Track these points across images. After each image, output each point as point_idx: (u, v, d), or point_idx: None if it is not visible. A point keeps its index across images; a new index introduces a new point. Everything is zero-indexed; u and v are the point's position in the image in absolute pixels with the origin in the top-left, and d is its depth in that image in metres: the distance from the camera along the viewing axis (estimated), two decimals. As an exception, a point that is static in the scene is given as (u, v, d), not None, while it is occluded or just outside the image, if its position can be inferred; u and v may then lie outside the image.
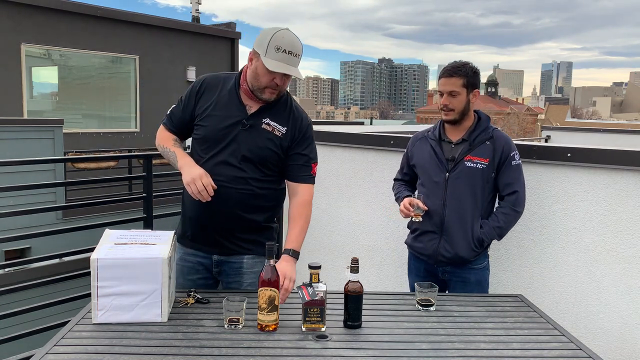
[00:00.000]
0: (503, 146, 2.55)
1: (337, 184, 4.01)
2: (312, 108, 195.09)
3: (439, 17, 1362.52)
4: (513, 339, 1.94)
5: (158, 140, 2.41)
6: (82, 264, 2.74)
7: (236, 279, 2.37)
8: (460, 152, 2.56)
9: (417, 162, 2.71)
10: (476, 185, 2.54)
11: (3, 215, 3.37)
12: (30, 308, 3.19)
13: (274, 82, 2.17)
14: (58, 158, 7.23)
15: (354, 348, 1.81)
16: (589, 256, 2.82)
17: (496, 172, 2.56)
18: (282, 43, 2.12)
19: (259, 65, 2.16)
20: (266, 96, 2.22)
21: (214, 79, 2.35)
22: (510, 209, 2.57)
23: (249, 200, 2.28)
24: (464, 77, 2.51)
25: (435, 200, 2.57)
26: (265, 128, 2.26)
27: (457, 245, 2.55)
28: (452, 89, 2.51)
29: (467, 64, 2.57)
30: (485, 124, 2.61)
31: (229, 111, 2.27)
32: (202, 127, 2.30)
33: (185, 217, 2.39)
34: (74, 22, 10.68)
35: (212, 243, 2.34)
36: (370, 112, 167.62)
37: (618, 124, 34.80)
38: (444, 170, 2.57)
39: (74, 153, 9.09)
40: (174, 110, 2.39)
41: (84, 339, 1.80)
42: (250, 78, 2.22)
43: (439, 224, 2.57)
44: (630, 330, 2.70)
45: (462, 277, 2.60)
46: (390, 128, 7.14)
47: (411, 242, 2.73)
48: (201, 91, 2.33)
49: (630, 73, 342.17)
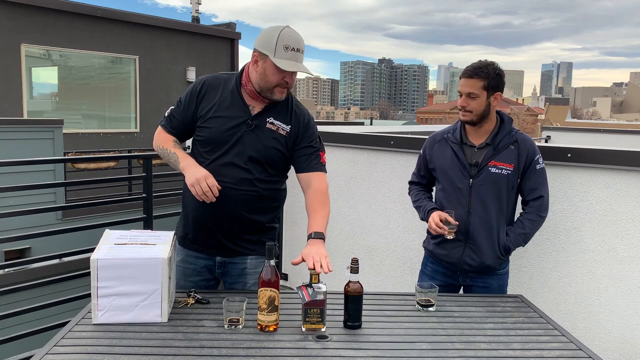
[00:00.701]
0: (528, 150, 2.44)
1: (337, 184, 4.01)
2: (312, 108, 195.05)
3: (439, 17, 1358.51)
4: (513, 339, 1.94)
5: (156, 141, 2.37)
6: (82, 264, 2.74)
7: (240, 280, 2.37)
8: (484, 157, 2.45)
9: (438, 166, 2.56)
10: (501, 192, 2.44)
11: (3, 215, 3.37)
12: (30, 308, 3.19)
13: (284, 80, 2.18)
14: (58, 158, 7.23)
15: (354, 348, 1.81)
16: (589, 256, 2.82)
17: (521, 177, 2.47)
18: (290, 42, 2.13)
19: (267, 66, 2.16)
20: (277, 96, 2.22)
21: (215, 80, 2.33)
22: (536, 214, 2.48)
23: (254, 202, 2.28)
24: (484, 79, 2.39)
25: (458, 207, 2.46)
26: (270, 127, 2.26)
27: (483, 254, 2.46)
28: (471, 91, 2.40)
29: (491, 65, 2.44)
30: (509, 127, 2.49)
31: (232, 112, 2.26)
32: (205, 128, 2.27)
33: (188, 219, 2.37)
34: (74, 22, 10.68)
35: (216, 245, 2.33)
36: (370, 112, 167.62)
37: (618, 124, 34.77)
38: (467, 175, 2.45)
39: (74, 153, 9.10)
40: (174, 112, 2.35)
41: (84, 339, 1.80)
42: (258, 80, 2.21)
43: (463, 232, 2.46)
44: (630, 330, 2.70)
45: (485, 283, 2.52)
46: (390, 128, 7.14)
47: (433, 249, 2.59)
48: (202, 92, 2.30)
49: (630, 73, 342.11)
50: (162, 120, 2.39)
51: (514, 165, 2.43)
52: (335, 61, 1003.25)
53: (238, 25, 14.41)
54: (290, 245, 4.42)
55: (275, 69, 2.14)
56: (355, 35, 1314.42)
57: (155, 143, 2.38)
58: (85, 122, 11.64)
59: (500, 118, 2.52)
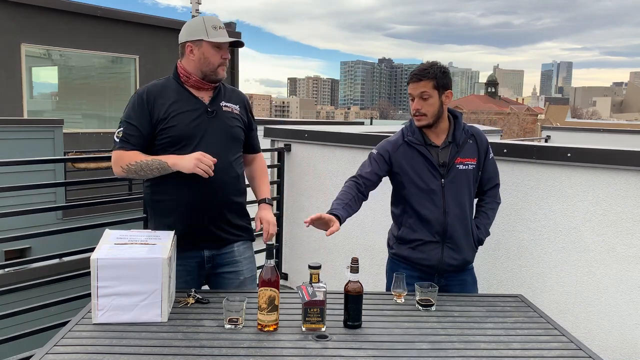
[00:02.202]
0: (483, 142, 2.54)
1: (337, 184, 4.01)
2: (312, 108, 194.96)
3: (439, 17, 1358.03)
4: (513, 339, 1.94)
5: (122, 162, 2.28)
6: (82, 264, 2.73)
7: (234, 269, 2.41)
8: (449, 155, 2.46)
9: (405, 169, 2.50)
10: (470, 187, 2.51)
11: (3, 215, 3.37)
12: (30, 308, 3.18)
13: (223, 58, 2.36)
14: (58, 158, 7.22)
15: (354, 348, 1.81)
16: (589, 256, 2.82)
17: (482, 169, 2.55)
18: (214, 22, 2.36)
19: (205, 50, 2.33)
20: (220, 75, 2.38)
21: (154, 87, 2.41)
22: (495, 202, 2.62)
23: (236, 184, 2.42)
24: (432, 79, 2.39)
25: (433, 208, 2.45)
26: (227, 110, 2.42)
27: (463, 251, 2.49)
28: (423, 90, 2.40)
29: (435, 64, 2.45)
30: (461, 122, 2.52)
31: (189, 106, 2.35)
32: (170, 128, 2.31)
33: (174, 220, 2.33)
34: (74, 22, 10.67)
35: (206, 237, 2.37)
36: (370, 112, 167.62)
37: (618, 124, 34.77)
38: (438, 176, 2.46)
39: (74, 153, 9.09)
40: (127, 131, 2.30)
41: (84, 339, 1.80)
42: (198, 66, 2.35)
43: (441, 232, 2.46)
44: (630, 330, 2.70)
45: (460, 280, 2.55)
46: (390, 128, 7.13)
47: (408, 254, 2.53)
48: (150, 100, 2.34)
49: (630, 73, 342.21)
50: (116, 145, 2.31)
51: (476, 159, 2.51)
52: (335, 61, 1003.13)
53: (238, 25, 14.40)
54: (290, 245, 4.43)
55: (214, 49, 2.33)
56: (355, 35, 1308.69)
57: (120, 165, 2.29)
58: (86, 122, 11.63)
59: (452, 115, 2.54)
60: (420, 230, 2.49)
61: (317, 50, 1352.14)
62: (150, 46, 11.81)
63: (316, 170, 4.16)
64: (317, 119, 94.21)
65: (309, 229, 2.30)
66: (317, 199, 4.17)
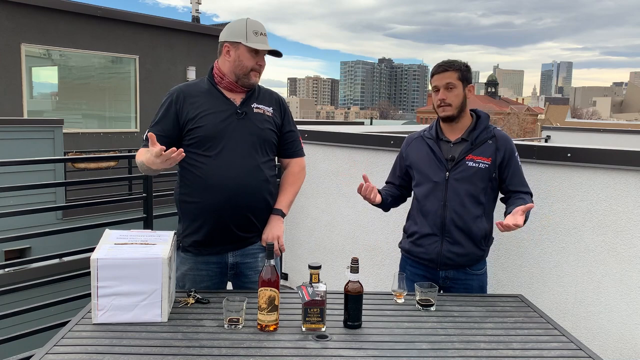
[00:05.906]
0: (506, 146, 2.50)
1: (337, 184, 4.01)
2: (312, 108, 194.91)
3: (440, 17, 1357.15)
4: (513, 339, 1.94)
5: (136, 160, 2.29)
6: (82, 264, 2.73)
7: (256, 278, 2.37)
8: (460, 151, 2.48)
9: (413, 162, 2.60)
10: (478, 185, 2.48)
11: (3, 215, 3.37)
12: (30, 308, 3.18)
13: (258, 64, 2.34)
14: (58, 158, 7.22)
15: (354, 348, 1.81)
16: (589, 256, 2.82)
17: (499, 171, 2.50)
18: (257, 27, 2.34)
19: (241, 53, 2.31)
20: (253, 80, 2.36)
21: (187, 87, 2.40)
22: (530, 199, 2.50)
23: (265, 187, 2.37)
24: (458, 70, 2.47)
25: (434, 201, 2.49)
26: (258, 112, 2.39)
27: (462, 246, 2.48)
28: (449, 81, 2.45)
29: (458, 60, 2.55)
30: (486, 123, 2.55)
31: (219, 107, 2.34)
32: (198, 128, 2.30)
33: (200, 222, 2.33)
34: (74, 22, 10.68)
35: (229, 240, 2.35)
36: (370, 112, 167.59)
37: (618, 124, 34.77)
38: (443, 169, 2.49)
39: (74, 153, 9.10)
40: (152, 130, 2.28)
41: (84, 339, 1.80)
42: (232, 68, 2.33)
43: (439, 226, 2.49)
44: (630, 330, 2.70)
45: (464, 284, 2.53)
46: (390, 128, 7.14)
47: (409, 247, 2.59)
48: (180, 100, 2.34)
49: (630, 73, 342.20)
50: (142, 142, 2.31)
51: (492, 159, 2.48)
52: (335, 61, 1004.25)
53: (238, 25, 14.38)
54: (290, 245, 4.42)
55: (249, 54, 2.30)
56: (356, 35, 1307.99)
57: (138, 164, 2.30)
58: (86, 122, 11.64)
59: (476, 115, 2.58)
60: (420, 222, 2.54)
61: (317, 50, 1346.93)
62: (150, 46, 11.82)
63: (316, 170, 4.16)
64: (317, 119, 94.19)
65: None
66: (317, 199, 4.17)
